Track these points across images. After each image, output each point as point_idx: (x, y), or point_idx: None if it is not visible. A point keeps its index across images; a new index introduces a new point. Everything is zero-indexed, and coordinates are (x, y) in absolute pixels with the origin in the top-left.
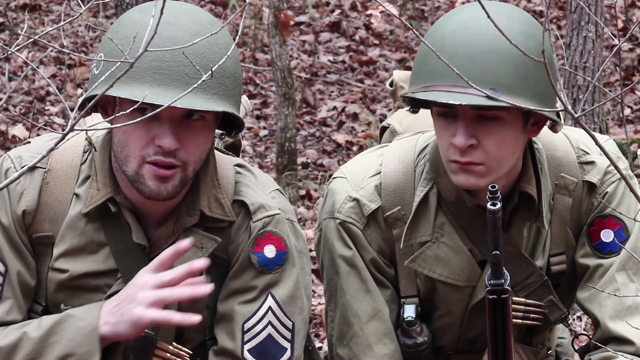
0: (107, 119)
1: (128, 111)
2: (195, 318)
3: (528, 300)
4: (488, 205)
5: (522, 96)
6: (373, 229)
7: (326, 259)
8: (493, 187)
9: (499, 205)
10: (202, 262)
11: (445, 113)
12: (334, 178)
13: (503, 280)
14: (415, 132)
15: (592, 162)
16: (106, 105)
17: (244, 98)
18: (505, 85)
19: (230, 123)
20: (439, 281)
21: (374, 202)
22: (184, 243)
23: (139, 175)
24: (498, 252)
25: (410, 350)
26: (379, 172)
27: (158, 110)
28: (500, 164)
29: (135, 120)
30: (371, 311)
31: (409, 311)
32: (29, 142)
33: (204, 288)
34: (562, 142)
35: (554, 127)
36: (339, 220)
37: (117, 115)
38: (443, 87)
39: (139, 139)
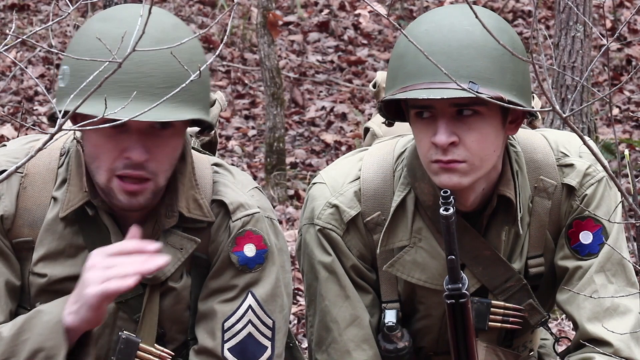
0: (77, 126)
1: (94, 119)
2: (153, 265)
3: (507, 304)
4: (441, 210)
5: (500, 89)
6: (353, 235)
7: (306, 264)
8: (445, 192)
9: (451, 210)
10: (154, 246)
11: (423, 114)
12: (314, 184)
13: (460, 285)
14: (394, 136)
15: (571, 165)
16: (74, 115)
17: (219, 94)
18: (483, 78)
19: (202, 123)
20: (418, 285)
21: (354, 208)
22: (152, 246)
23: (109, 188)
24: (453, 257)
25: (391, 356)
26: (358, 178)
27: (117, 122)
28: (482, 162)
29: (103, 126)
30: (350, 317)
31: (390, 316)
32: (5, 145)
33: (154, 262)
34: (542, 144)
35: (532, 123)
36: (318, 227)
37: (83, 128)
38: (421, 85)
39: (108, 151)
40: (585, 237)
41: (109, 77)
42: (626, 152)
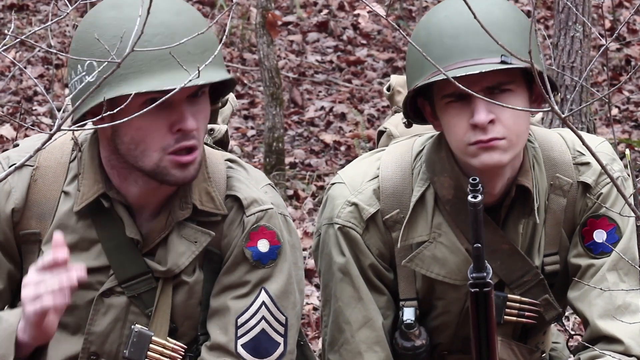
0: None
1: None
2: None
3: (523, 299)
4: (469, 197)
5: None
6: (373, 233)
7: (323, 264)
8: (474, 179)
9: (479, 197)
10: (63, 253)
11: (456, 98)
12: (333, 184)
13: (485, 274)
14: (411, 135)
15: (587, 163)
16: (96, 110)
17: (231, 96)
18: (514, 51)
19: (213, 93)
20: (437, 281)
21: (373, 206)
22: (58, 236)
23: (160, 167)
24: (480, 245)
25: (408, 353)
26: (377, 176)
27: (179, 87)
28: (518, 138)
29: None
30: (362, 319)
31: (408, 314)
32: (18, 145)
33: (74, 272)
34: (558, 142)
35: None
36: (338, 225)
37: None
38: (454, 65)
39: (157, 130)
40: (599, 236)
41: (107, 76)
42: (627, 151)
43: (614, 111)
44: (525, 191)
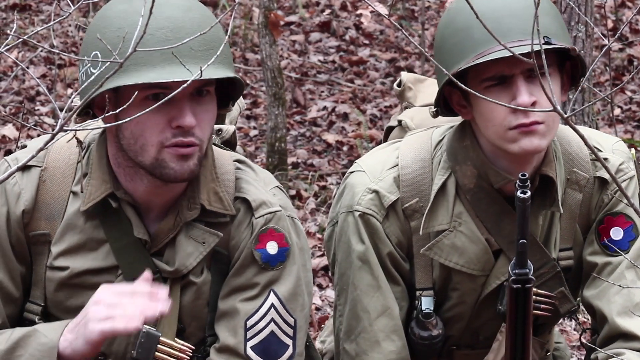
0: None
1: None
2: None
3: (539, 291)
4: (518, 193)
5: (566, 42)
6: (392, 221)
7: (340, 253)
8: (523, 175)
9: (528, 193)
10: (164, 292)
11: (497, 81)
12: (351, 172)
13: (527, 270)
14: (428, 127)
15: (604, 159)
16: (103, 103)
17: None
18: (552, 34)
19: (223, 96)
20: (454, 270)
21: (393, 193)
22: (162, 292)
23: (159, 160)
24: (525, 241)
25: (425, 343)
26: (397, 165)
27: (185, 84)
28: (554, 123)
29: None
30: (381, 308)
31: (427, 303)
32: (25, 146)
33: (158, 306)
34: (576, 138)
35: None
36: (358, 213)
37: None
38: (497, 47)
39: (155, 125)
40: (616, 233)
41: (111, 76)
42: (632, 151)
43: (617, 111)
44: (548, 181)
